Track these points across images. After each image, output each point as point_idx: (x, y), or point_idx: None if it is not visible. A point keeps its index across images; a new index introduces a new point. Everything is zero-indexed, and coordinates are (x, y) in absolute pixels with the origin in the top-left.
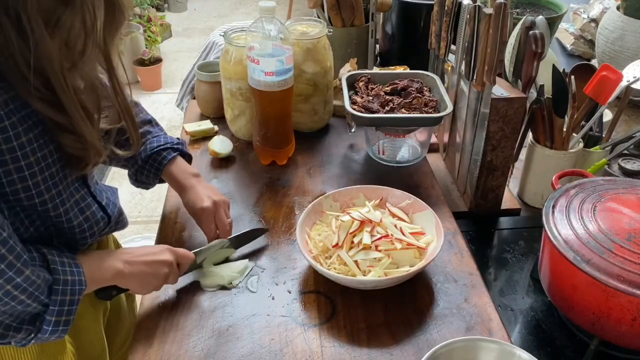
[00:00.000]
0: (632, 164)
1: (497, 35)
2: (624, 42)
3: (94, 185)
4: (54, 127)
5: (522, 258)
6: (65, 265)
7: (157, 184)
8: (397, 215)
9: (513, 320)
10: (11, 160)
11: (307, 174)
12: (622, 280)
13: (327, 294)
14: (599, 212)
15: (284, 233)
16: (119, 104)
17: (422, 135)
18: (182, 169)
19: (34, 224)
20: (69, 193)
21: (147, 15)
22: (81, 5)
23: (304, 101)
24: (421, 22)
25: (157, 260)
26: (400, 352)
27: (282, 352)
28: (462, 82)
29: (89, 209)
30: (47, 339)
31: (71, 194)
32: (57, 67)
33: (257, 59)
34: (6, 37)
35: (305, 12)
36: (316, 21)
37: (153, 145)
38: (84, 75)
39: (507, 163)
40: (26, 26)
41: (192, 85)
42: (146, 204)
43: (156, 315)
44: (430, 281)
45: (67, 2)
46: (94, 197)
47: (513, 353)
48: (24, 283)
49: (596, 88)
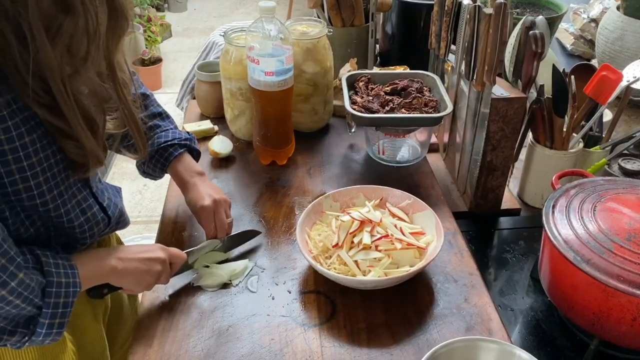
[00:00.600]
0: (632, 164)
1: (497, 35)
2: (624, 42)
3: (97, 185)
4: (54, 132)
5: (522, 258)
6: (60, 267)
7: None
8: (397, 215)
9: (513, 320)
10: (13, 161)
11: (307, 174)
12: (622, 280)
13: (327, 294)
14: (599, 212)
15: (284, 233)
16: (123, 111)
17: (422, 135)
18: (187, 166)
19: (35, 225)
20: (71, 194)
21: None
22: (84, 12)
23: (304, 101)
24: (421, 22)
25: (150, 258)
26: (400, 352)
27: (282, 352)
28: (462, 82)
29: (90, 209)
30: (42, 341)
31: (73, 195)
32: (57, 73)
33: (257, 59)
34: (7, 42)
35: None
36: (316, 21)
37: (161, 140)
38: (87, 81)
39: (507, 163)
40: (26, 32)
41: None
42: (146, 204)
43: (156, 315)
44: (430, 281)
45: (69, 8)
46: (95, 197)
47: (513, 353)
48: (18, 287)
49: (596, 88)
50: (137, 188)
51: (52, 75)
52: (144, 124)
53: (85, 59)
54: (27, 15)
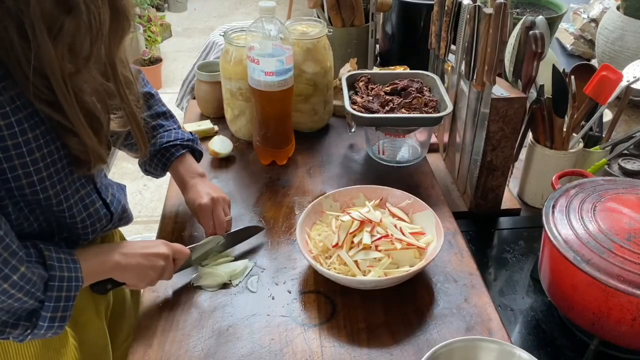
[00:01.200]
0: (632, 164)
1: (497, 35)
2: (624, 42)
3: (101, 180)
4: (57, 128)
5: (522, 258)
6: (62, 262)
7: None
8: (397, 215)
9: (513, 320)
10: (17, 156)
11: (307, 174)
12: (622, 280)
13: (327, 294)
14: (599, 212)
15: (284, 233)
16: (124, 110)
17: (422, 135)
18: (187, 167)
19: (38, 220)
20: (75, 189)
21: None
22: (86, 11)
23: (304, 101)
24: (421, 22)
25: (153, 253)
26: (400, 352)
27: (282, 352)
28: (462, 82)
29: (93, 205)
30: (44, 335)
31: (76, 190)
32: (58, 71)
33: (257, 59)
34: (10, 38)
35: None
36: (316, 21)
37: (163, 141)
38: (89, 80)
39: (507, 163)
40: (28, 30)
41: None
42: (146, 203)
43: (156, 315)
44: (430, 281)
45: (71, 8)
46: (99, 193)
47: (513, 353)
48: (20, 280)
49: (596, 88)
50: (137, 188)
51: (53, 73)
52: (147, 123)
53: (88, 58)
54: (28, 14)
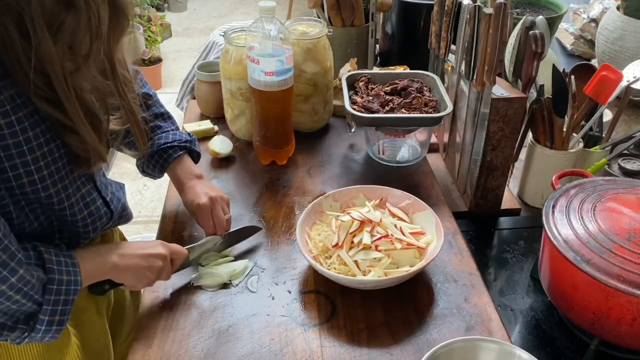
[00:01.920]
0: (632, 164)
1: (497, 35)
2: (624, 42)
3: (100, 179)
4: (57, 126)
5: (522, 258)
6: (62, 265)
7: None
8: (397, 215)
9: (513, 320)
10: (17, 155)
11: (307, 174)
12: (622, 280)
13: (327, 294)
14: (599, 212)
15: (284, 233)
16: (124, 108)
17: (422, 135)
18: (185, 169)
19: (38, 219)
20: (75, 188)
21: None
22: (86, 9)
23: (304, 101)
24: (421, 22)
25: (151, 254)
26: (400, 352)
27: (282, 352)
28: (462, 82)
29: (94, 203)
30: (41, 338)
31: (77, 189)
32: (58, 68)
33: (257, 59)
34: (9, 35)
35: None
36: (316, 21)
37: (161, 142)
38: (88, 78)
39: (507, 163)
40: (29, 27)
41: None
42: (146, 203)
43: (156, 315)
44: (430, 281)
45: (71, 5)
46: (99, 192)
47: (513, 353)
48: (18, 283)
49: (596, 88)
50: (137, 188)
51: (53, 71)
52: (146, 124)
53: (87, 56)
54: (29, 10)
